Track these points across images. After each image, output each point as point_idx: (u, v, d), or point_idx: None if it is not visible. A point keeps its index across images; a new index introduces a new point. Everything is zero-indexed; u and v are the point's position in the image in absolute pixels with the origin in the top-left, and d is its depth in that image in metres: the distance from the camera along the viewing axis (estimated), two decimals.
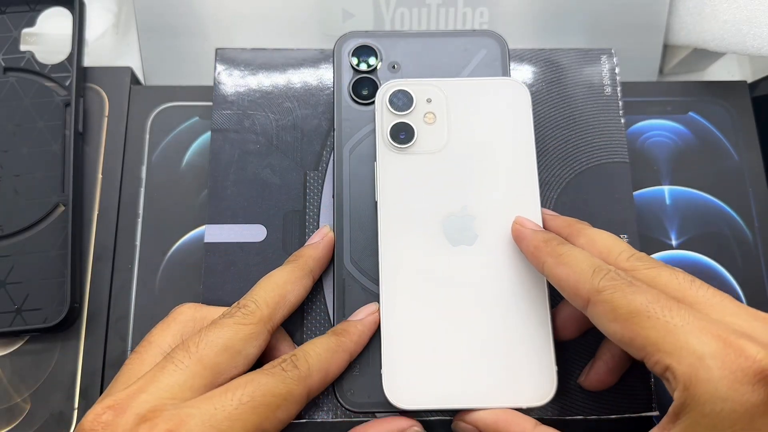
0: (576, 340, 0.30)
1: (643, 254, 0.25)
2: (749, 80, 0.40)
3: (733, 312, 0.22)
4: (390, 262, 0.29)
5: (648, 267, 0.24)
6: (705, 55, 0.41)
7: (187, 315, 0.28)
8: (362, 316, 0.29)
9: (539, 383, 0.27)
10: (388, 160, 0.30)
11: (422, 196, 0.29)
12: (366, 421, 0.29)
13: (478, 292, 0.28)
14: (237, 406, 0.23)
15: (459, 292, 0.28)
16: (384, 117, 0.30)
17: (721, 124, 0.38)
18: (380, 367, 0.27)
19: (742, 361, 0.19)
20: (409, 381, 0.27)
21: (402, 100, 0.30)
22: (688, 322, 0.21)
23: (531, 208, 0.29)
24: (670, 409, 0.21)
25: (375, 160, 0.30)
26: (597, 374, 0.29)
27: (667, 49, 0.43)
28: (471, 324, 0.28)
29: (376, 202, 0.30)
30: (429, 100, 0.31)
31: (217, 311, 0.28)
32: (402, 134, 0.30)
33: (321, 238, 0.30)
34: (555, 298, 0.30)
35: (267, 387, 0.24)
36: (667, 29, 0.41)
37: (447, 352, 0.27)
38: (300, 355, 0.26)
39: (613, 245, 0.26)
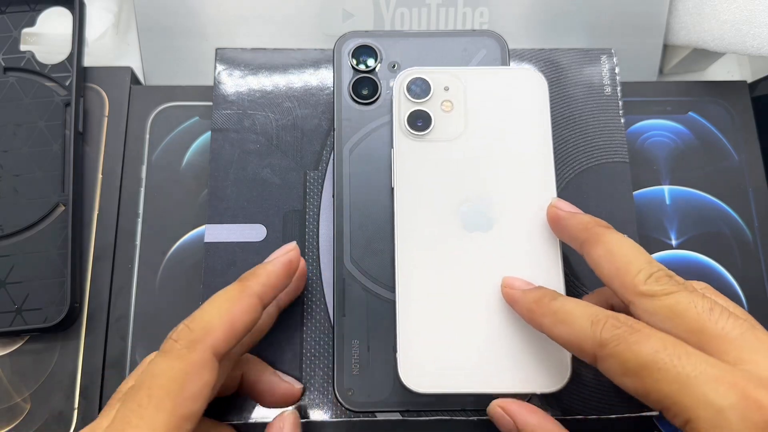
0: None
1: (662, 273, 0.24)
2: (749, 80, 0.40)
3: (753, 348, 0.21)
4: (406, 248, 0.29)
5: (666, 292, 0.23)
6: (705, 55, 0.41)
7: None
8: (274, 257, 0.27)
9: (553, 369, 0.27)
10: (405, 146, 0.30)
11: (438, 182, 0.29)
12: (366, 420, 0.29)
13: (494, 278, 0.28)
14: (141, 415, 0.21)
15: (474, 278, 0.28)
16: (401, 104, 0.30)
17: (721, 124, 0.38)
18: (395, 351, 0.27)
19: (761, 414, 0.19)
20: (423, 365, 0.27)
21: (420, 88, 0.31)
22: (702, 371, 0.20)
23: (546, 196, 0.29)
24: None
25: (392, 147, 0.30)
26: None
27: (667, 49, 0.43)
28: (486, 309, 0.28)
29: (392, 189, 0.30)
30: (446, 89, 0.31)
31: None
32: (419, 122, 0.30)
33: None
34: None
35: (163, 375, 0.22)
36: (667, 29, 0.41)
37: (462, 337, 0.28)
38: (196, 315, 0.24)
39: (633, 259, 0.24)
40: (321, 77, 0.35)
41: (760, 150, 0.38)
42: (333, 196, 0.31)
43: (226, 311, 0.24)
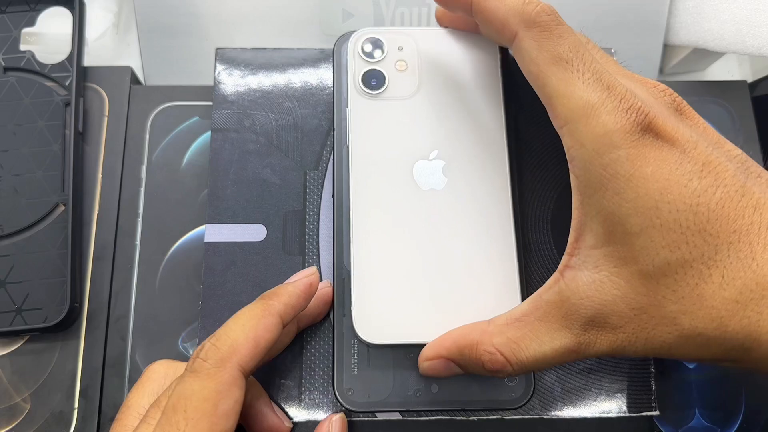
0: None
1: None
2: (749, 80, 0.40)
3: (615, 71, 0.24)
4: (360, 204, 0.29)
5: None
6: (705, 55, 0.41)
7: (160, 372, 0.27)
8: (296, 278, 0.28)
9: None
10: (360, 105, 0.30)
11: (393, 140, 0.30)
12: (366, 420, 0.29)
13: (447, 233, 0.29)
14: None
15: (428, 233, 0.29)
16: (356, 64, 0.31)
17: (721, 124, 0.38)
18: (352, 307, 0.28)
19: (632, 113, 0.22)
20: (378, 318, 0.28)
21: (374, 48, 0.31)
22: (590, 76, 0.23)
23: (498, 153, 0.30)
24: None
25: (346, 106, 0.31)
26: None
27: (667, 48, 0.43)
28: (439, 263, 0.28)
29: (347, 147, 0.30)
30: (401, 48, 0.31)
31: None
32: (373, 81, 0.31)
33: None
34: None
35: (195, 395, 0.22)
36: (667, 29, 0.41)
37: (415, 291, 0.28)
38: (220, 333, 0.24)
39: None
40: (321, 77, 0.35)
41: (760, 150, 0.37)
42: (333, 196, 0.31)
43: (251, 329, 0.24)
